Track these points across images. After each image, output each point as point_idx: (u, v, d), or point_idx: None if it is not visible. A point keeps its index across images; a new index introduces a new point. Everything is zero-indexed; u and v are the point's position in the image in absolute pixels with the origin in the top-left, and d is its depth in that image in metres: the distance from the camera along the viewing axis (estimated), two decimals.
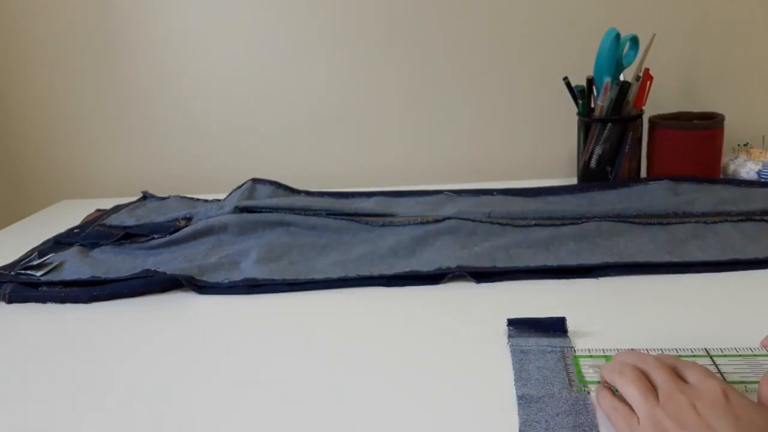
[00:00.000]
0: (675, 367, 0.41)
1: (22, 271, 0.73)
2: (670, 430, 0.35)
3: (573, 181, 0.94)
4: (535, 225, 0.75)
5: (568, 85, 0.89)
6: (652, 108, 0.92)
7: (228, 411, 0.46)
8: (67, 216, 0.96)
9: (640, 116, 0.87)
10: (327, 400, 0.46)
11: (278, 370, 0.51)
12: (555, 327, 0.52)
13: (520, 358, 0.48)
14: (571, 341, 0.50)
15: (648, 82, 0.86)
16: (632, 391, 0.39)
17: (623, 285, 0.61)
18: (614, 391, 0.42)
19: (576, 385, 0.44)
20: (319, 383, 0.48)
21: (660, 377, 0.39)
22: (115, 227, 0.85)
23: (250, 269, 0.70)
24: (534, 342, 0.50)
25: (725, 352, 0.47)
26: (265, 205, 0.84)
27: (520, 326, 0.53)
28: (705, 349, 0.47)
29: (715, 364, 0.46)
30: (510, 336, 0.52)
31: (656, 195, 0.81)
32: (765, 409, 0.36)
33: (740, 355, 0.47)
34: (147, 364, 0.53)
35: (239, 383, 0.49)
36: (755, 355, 0.46)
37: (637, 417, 0.38)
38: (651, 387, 0.39)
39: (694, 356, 0.47)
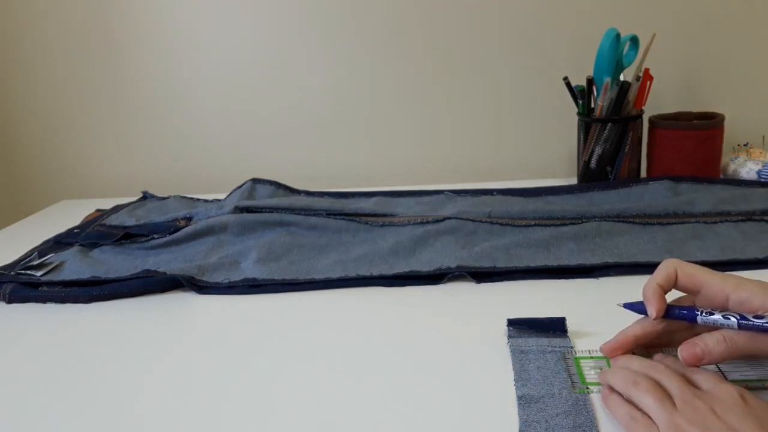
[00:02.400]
0: (685, 374, 0.40)
1: (22, 271, 0.73)
2: None
3: (573, 181, 0.94)
4: (535, 225, 0.75)
5: (568, 85, 0.89)
6: (652, 108, 0.92)
7: (228, 411, 0.46)
8: (67, 216, 0.96)
9: (640, 116, 0.87)
10: (327, 400, 0.46)
11: (278, 369, 0.51)
12: (555, 327, 0.52)
13: (520, 359, 0.48)
14: (570, 341, 0.50)
15: (648, 82, 0.86)
16: (649, 400, 0.38)
17: (623, 285, 0.61)
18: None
19: (579, 387, 0.44)
20: (318, 383, 0.48)
21: (674, 384, 0.39)
22: (115, 227, 0.85)
23: (250, 269, 0.70)
24: (534, 342, 0.50)
25: None
26: (265, 205, 0.84)
27: (519, 326, 0.53)
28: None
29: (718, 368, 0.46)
30: (510, 336, 0.52)
31: (656, 195, 0.81)
32: None
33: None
34: (147, 364, 0.53)
35: (239, 383, 0.49)
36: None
37: (657, 426, 0.37)
38: (667, 395, 0.39)
39: None
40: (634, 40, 0.86)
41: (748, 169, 0.86)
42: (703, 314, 0.42)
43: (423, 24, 1.00)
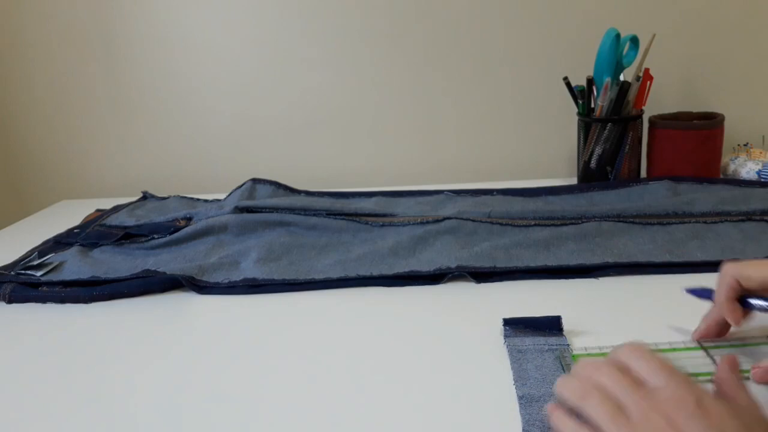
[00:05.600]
0: (630, 368, 0.38)
1: (22, 271, 0.73)
2: None
3: (573, 181, 0.94)
4: (535, 225, 0.75)
5: (568, 85, 0.89)
6: (652, 108, 0.92)
7: (227, 410, 0.46)
8: (67, 216, 0.96)
9: (640, 116, 0.87)
10: (327, 400, 0.46)
11: (278, 370, 0.51)
12: (550, 326, 0.52)
13: (517, 358, 0.49)
14: (567, 339, 0.50)
15: (648, 82, 0.86)
16: (599, 415, 0.36)
17: (623, 285, 0.61)
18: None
19: None
20: (318, 383, 0.48)
21: (625, 392, 0.36)
22: (115, 227, 0.85)
23: (250, 269, 0.70)
24: (531, 341, 0.50)
25: (718, 344, 0.48)
26: (265, 205, 0.84)
27: (516, 326, 0.53)
28: (698, 341, 0.48)
29: (709, 356, 0.46)
30: (506, 336, 0.52)
31: (656, 195, 0.81)
32: (740, 410, 0.35)
33: (732, 345, 0.47)
34: (147, 364, 0.54)
35: (239, 383, 0.49)
36: (746, 345, 0.47)
37: None
38: (618, 405, 0.36)
39: (688, 349, 0.48)
40: (634, 40, 0.86)
41: (748, 169, 0.86)
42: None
43: (423, 24, 1.00)
